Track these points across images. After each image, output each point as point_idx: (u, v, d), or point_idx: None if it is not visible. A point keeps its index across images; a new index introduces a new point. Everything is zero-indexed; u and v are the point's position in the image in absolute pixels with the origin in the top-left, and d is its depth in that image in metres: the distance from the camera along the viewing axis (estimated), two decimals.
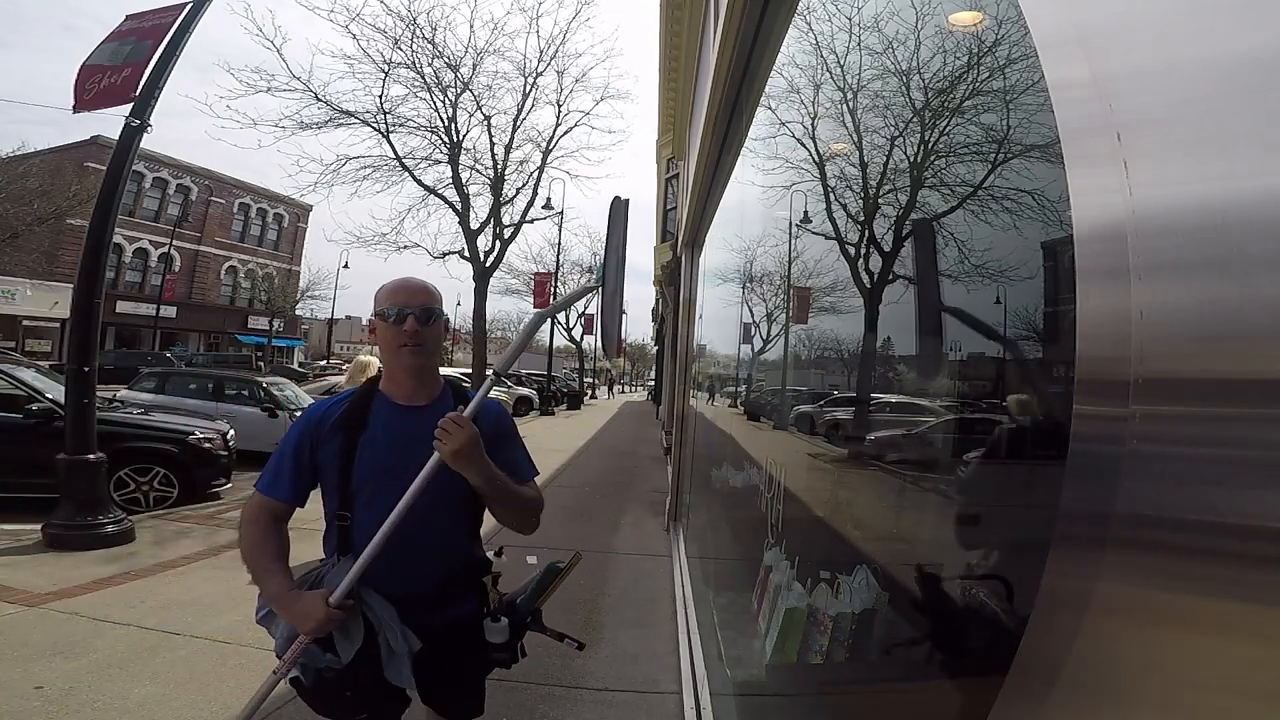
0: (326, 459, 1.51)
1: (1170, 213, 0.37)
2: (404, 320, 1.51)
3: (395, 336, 1.51)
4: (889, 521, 1.30)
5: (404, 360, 1.53)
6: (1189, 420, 0.36)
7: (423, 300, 1.55)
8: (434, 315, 1.54)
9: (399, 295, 1.54)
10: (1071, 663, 0.42)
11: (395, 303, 1.52)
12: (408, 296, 1.54)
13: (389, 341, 1.52)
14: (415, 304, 1.53)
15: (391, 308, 1.52)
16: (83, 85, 5.26)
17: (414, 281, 1.58)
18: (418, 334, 1.51)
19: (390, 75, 13.07)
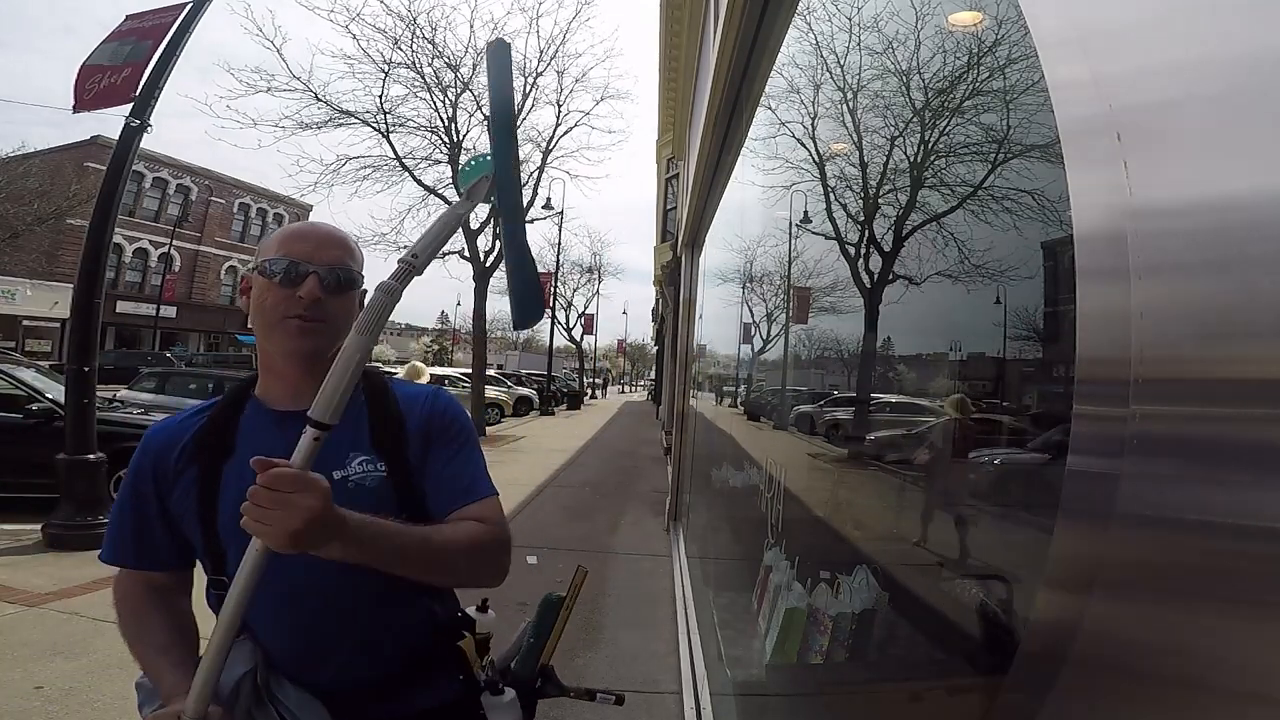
0: (180, 503, 1.02)
1: (1170, 213, 0.37)
2: (299, 280, 0.99)
3: (281, 303, 0.99)
4: (889, 521, 1.30)
5: (289, 340, 1.00)
6: (1189, 420, 0.36)
7: (333, 255, 1.02)
8: (347, 279, 1.03)
9: (295, 244, 1.02)
10: (1071, 663, 0.42)
11: (289, 253, 1.00)
12: (310, 247, 1.01)
13: (271, 310, 0.99)
14: (321, 259, 1.01)
15: (279, 259, 1.00)
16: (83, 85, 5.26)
17: (321, 228, 1.07)
18: (318, 304, 0.99)
19: (390, 75, 13.07)
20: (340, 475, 0.99)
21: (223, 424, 1.05)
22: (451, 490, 1.06)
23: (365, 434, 1.04)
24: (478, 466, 1.10)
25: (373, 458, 1.02)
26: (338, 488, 0.91)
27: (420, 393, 1.12)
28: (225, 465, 1.01)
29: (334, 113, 13.05)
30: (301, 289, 0.99)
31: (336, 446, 0.97)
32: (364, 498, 0.98)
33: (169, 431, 1.07)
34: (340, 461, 1.00)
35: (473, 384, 14.55)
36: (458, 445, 1.09)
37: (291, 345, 1.01)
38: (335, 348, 0.95)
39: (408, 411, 1.07)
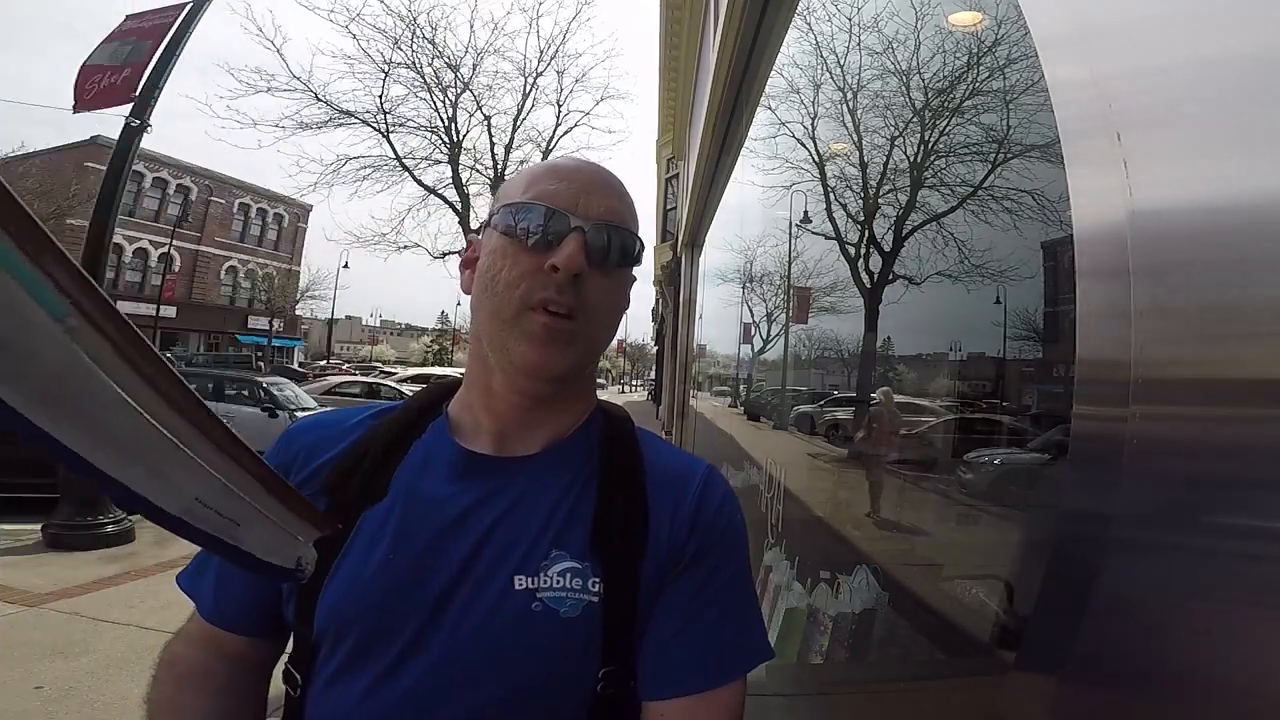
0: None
1: (1170, 213, 0.37)
2: (555, 242, 0.61)
3: (528, 277, 0.60)
4: (889, 521, 1.30)
5: (529, 346, 0.60)
6: (1189, 420, 0.36)
7: (609, 205, 0.64)
8: (624, 248, 0.64)
9: (552, 182, 0.63)
10: (1071, 663, 0.42)
11: (543, 196, 0.62)
12: (575, 189, 0.63)
13: (507, 289, 0.61)
14: (592, 211, 0.62)
15: (531, 205, 0.62)
16: (83, 85, 5.26)
17: (587, 168, 0.66)
18: (577, 285, 0.60)
19: (390, 75, 13.10)
20: (525, 584, 0.59)
21: (384, 449, 0.66)
22: (689, 657, 0.61)
23: (584, 524, 0.62)
24: (745, 620, 0.64)
25: (586, 568, 0.60)
26: (514, 602, 0.58)
27: (683, 470, 0.67)
28: (366, 514, 0.62)
29: (334, 113, 13.08)
30: (557, 255, 0.59)
31: (536, 534, 0.61)
32: (552, 633, 0.58)
33: (323, 430, 0.70)
34: (531, 561, 0.60)
35: None
36: (725, 576, 0.64)
37: (533, 354, 0.60)
38: (586, 367, 0.66)
39: (658, 501, 0.64)
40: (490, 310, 0.62)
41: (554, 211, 0.62)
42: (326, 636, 0.61)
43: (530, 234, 0.62)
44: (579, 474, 0.65)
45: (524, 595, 0.59)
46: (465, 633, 0.58)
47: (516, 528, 0.61)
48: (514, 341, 0.61)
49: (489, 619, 0.58)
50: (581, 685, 0.59)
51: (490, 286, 0.62)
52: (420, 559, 0.60)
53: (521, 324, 0.60)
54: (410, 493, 0.63)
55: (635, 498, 0.64)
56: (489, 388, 0.65)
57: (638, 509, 0.64)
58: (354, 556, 0.61)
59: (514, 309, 0.60)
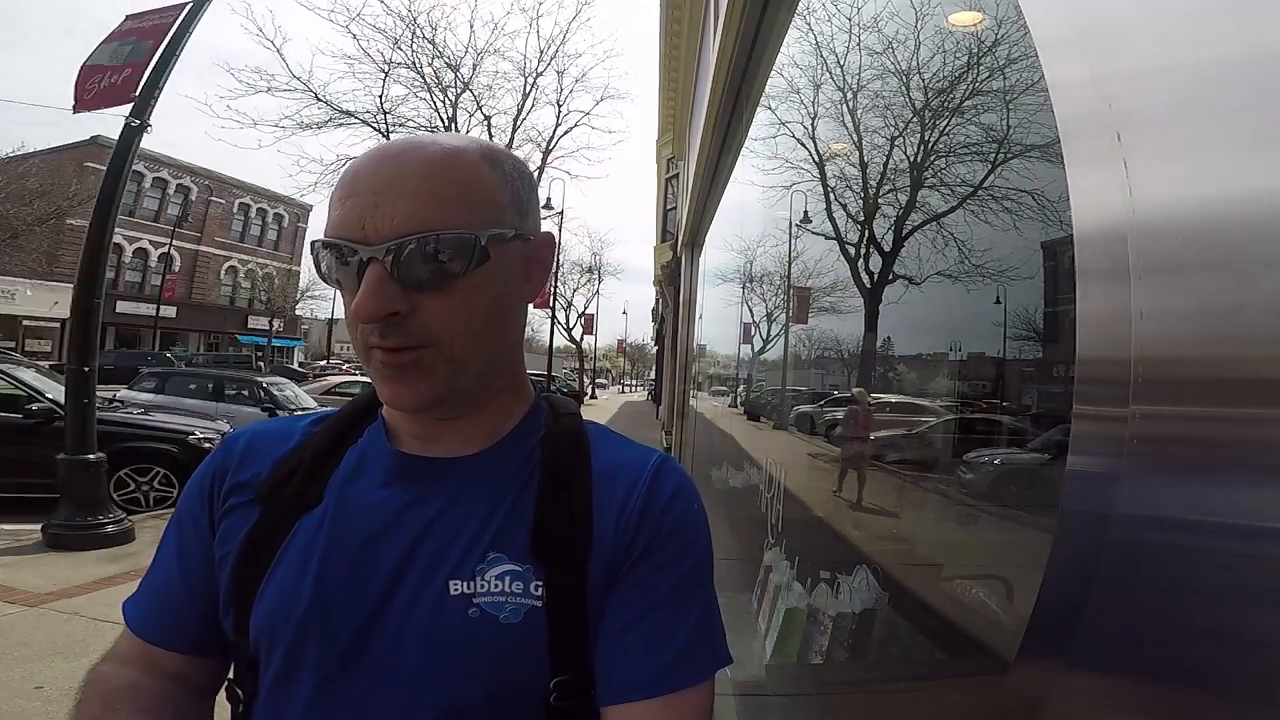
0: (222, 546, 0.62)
1: (1170, 213, 0.37)
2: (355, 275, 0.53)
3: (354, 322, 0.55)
4: (889, 521, 1.30)
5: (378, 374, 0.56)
6: (1189, 420, 0.36)
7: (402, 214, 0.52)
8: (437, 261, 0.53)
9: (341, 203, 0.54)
10: (1071, 663, 0.42)
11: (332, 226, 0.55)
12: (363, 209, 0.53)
13: (351, 325, 0.57)
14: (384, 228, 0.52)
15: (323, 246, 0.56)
16: (83, 85, 5.26)
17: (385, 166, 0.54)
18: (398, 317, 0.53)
19: (390, 75, 13.10)
20: (460, 589, 0.56)
21: (318, 456, 0.62)
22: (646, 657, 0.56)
23: (524, 525, 0.58)
24: (703, 622, 0.59)
25: (526, 570, 0.57)
26: (450, 607, 0.55)
27: (632, 463, 0.63)
28: (301, 522, 0.59)
29: (334, 113, 13.09)
30: (359, 299, 0.53)
31: (471, 537, 0.57)
32: (492, 639, 0.55)
33: (262, 437, 0.66)
34: (466, 564, 0.56)
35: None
36: (683, 571, 0.59)
37: (387, 394, 0.57)
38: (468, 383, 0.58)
39: (604, 499, 0.60)
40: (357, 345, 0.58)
41: (339, 247, 0.54)
42: (262, 647, 0.58)
43: (336, 280, 0.55)
44: (519, 473, 0.61)
45: (460, 600, 0.55)
46: (405, 640, 0.55)
47: (451, 530, 0.57)
48: (373, 377, 0.57)
49: (427, 625, 0.55)
50: (531, 696, 0.56)
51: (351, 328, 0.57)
52: (353, 565, 0.57)
53: (372, 365, 0.56)
54: (343, 498, 0.60)
55: (579, 495, 0.60)
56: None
57: (581, 507, 0.60)
58: (287, 565, 0.58)
59: (362, 352, 0.57)
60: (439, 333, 0.54)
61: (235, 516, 0.62)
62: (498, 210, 0.57)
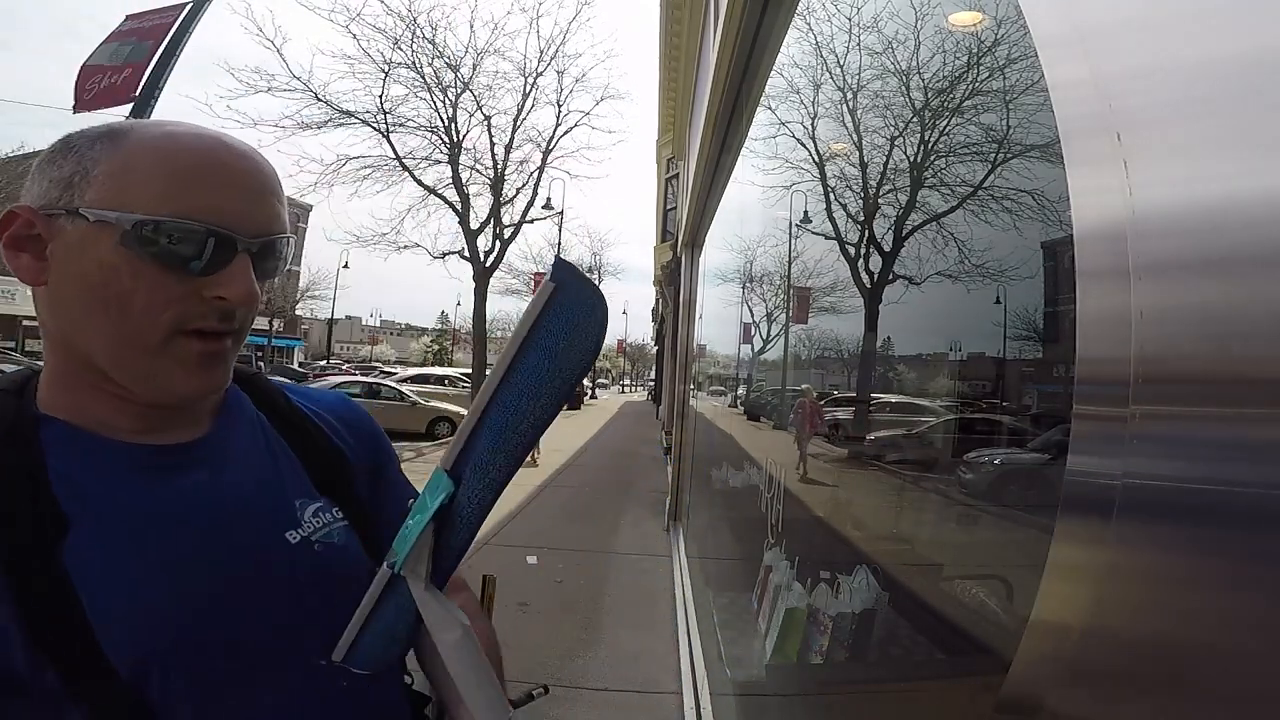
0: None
1: (1170, 213, 0.37)
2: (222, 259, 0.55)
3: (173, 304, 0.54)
4: (889, 521, 1.30)
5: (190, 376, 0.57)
6: (1189, 420, 0.36)
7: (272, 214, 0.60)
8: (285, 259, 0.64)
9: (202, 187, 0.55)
10: (1071, 663, 0.42)
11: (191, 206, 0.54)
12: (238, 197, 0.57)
13: (144, 312, 0.54)
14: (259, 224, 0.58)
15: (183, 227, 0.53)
16: (83, 86, 5.27)
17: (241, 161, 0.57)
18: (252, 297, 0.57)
19: (390, 75, 13.09)
20: (298, 536, 0.62)
21: (25, 479, 0.52)
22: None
23: (301, 471, 0.66)
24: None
25: (325, 504, 0.66)
26: (301, 553, 0.62)
27: (327, 401, 0.76)
28: (65, 547, 0.51)
29: (334, 113, 13.08)
30: (219, 282, 0.55)
31: (275, 493, 0.63)
32: (335, 560, 0.64)
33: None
34: (291, 516, 0.63)
35: (473, 384, 14.56)
36: (397, 468, 0.78)
37: (191, 382, 0.57)
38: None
39: (334, 432, 0.72)
40: (116, 334, 0.54)
41: (217, 235, 0.54)
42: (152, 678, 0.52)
43: (177, 259, 0.53)
44: (255, 433, 0.66)
45: (302, 545, 0.62)
46: (286, 597, 0.60)
47: (246, 497, 0.61)
48: (163, 369, 0.55)
49: (294, 577, 0.61)
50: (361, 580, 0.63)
51: (114, 308, 0.53)
52: (197, 559, 0.56)
53: (172, 350, 0.55)
54: (114, 507, 0.55)
55: (319, 434, 0.70)
56: (104, 391, 0.57)
57: (327, 440, 0.70)
58: (105, 590, 0.51)
59: (160, 335, 0.54)
60: (246, 322, 0.60)
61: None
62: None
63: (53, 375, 0.59)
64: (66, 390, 0.58)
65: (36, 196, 0.56)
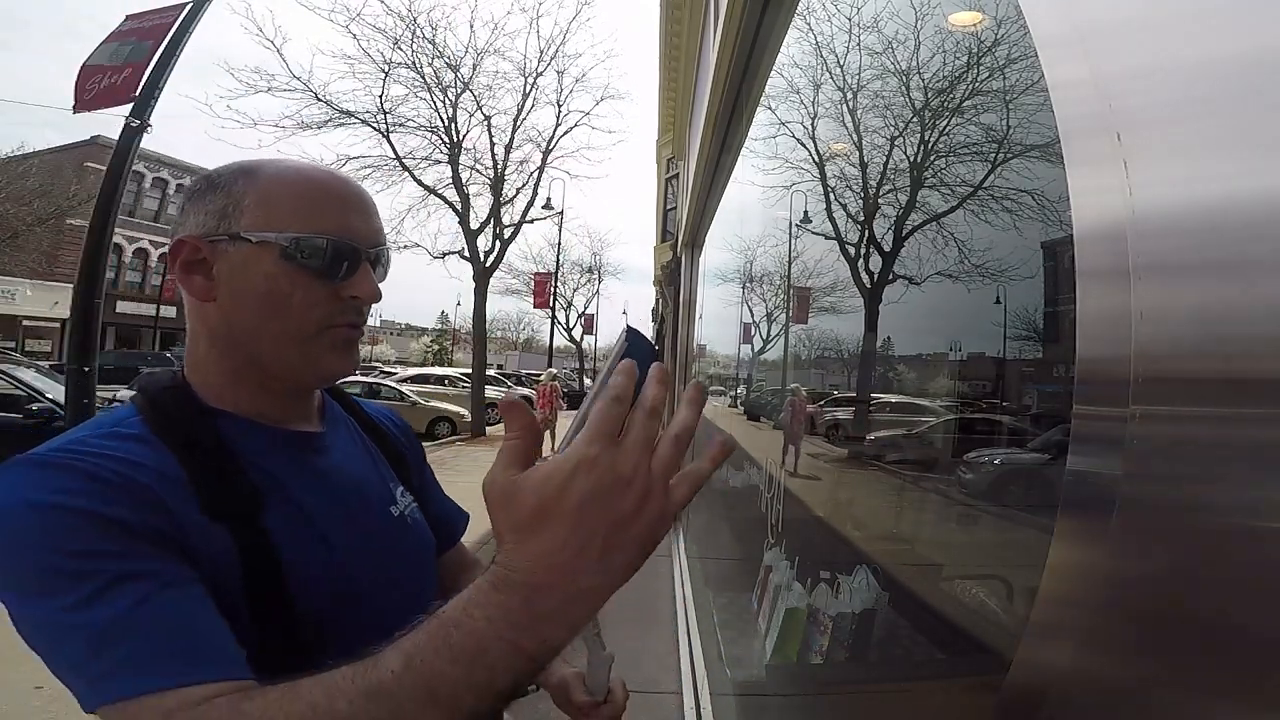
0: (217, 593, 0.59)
1: (1170, 213, 0.37)
2: (351, 271, 0.69)
3: (321, 303, 0.68)
4: (889, 521, 1.30)
5: (337, 360, 0.71)
6: (1189, 420, 0.36)
7: (378, 228, 0.73)
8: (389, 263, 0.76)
9: (331, 210, 0.69)
10: (1071, 663, 0.42)
11: (329, 228, 0.68)
12: (358, 216, 0.70)
13: (303, 312, 0.68)
14: (372, 235, 0.71)
15: (318, 241, 0.67)
16: (83, 86, 5.26)
17: (351, 188, 0.72)
18: (376, 295, 0.71)
19: (390, 75, 13.07)
20: (397, 511, 0.79)
21: (219, 460, 0.64)
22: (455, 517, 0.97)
23: (380, 460, 0.84)
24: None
25: (402, 489, 0.84)
26: (400, 524, 0.79)
27: (385, 412, 0.95)
28: (265, 519, 0.63)
29: (334, 113, 13.05)
30: (354, 285, 0.68)
31: (380, 479, 0.81)
32: (418, 530, 0.82)
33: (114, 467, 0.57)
34: (389, 495, 0.80)
35: (473, 384, 14.56)
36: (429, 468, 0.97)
37: (343, 365, 0.71)
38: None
39: (393, 436, 0.91)
40: (281, 331, 0.68)
41: (344, 245, 0.69)
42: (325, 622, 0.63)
43: (324, 268, 0.68)
44: (350, 431, 0.83)
45: (400, 518, 0.79)
46: (394, 557, 0.75)
47: (363, 477, 0.78)
48: (317, 354, 0.69)
49: (397, 542, 0.77)
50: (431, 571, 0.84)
51: (279, 309, 0.67)
52: (344, 523, 0.71)
53: (322, 340, 0.69)
54: (287, 482, 0.69)
55: (387, 435, 0.89)
56: (263, 386, 0.71)
57: (394, 441, 0.89)
58: (302, 550, 0.65)
59: (313, 329, 0.68)
60: (366, 315, 0.74)
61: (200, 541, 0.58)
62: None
63: (219, 374, 0.70)
64: (231, 387, 0.70)
65: (195, 227, 0.69)
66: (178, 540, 0.57)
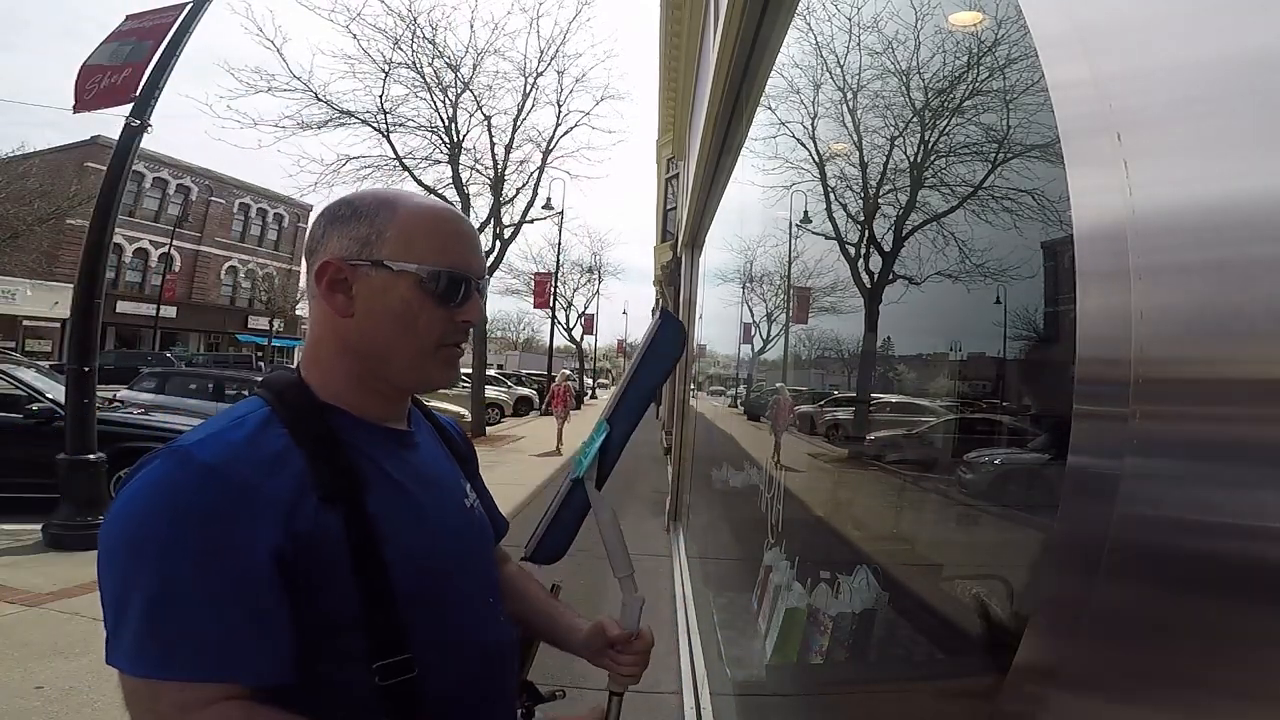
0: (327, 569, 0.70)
1: (1170, 213, 0.37)
2: (465, 299, 0.80)
3: (439, 325, 0.79)
4: (889, 521, 1.30)
5: (447, 371, 0.82)
6: (1189, 420, 0.36)
7: (483, 261, 0.86)
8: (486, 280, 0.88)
9: (455, 246, 0.80)
10: (1071, 663, 0.42)
11: (454, 263, 0.79)
12: (470, 251, 0.82)
13: (427, 332, 0.78)
14: (480, 269, 0.84)
15: (442, 271, 0.78)
16: (83, 85, 5.26)
17: (468, 227, 0.85)
18: (482, 319, 0.86)
19: (390, 75, 13.06)
20: (469, 504, 0.92)
21: (335, 447, 0.74)
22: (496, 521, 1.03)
23: (452, 460, 0.96)
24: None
25: (469, 486, 0.96)
26: (472, 515, 0.91)
27: (447, 420, 1.05)
28: (368, 500, 0.73)
29: (334, 113, 13.04)
30: (466, 311, 0.81)
31: (455, 474, 0.93)
32: (484, 522, 0.95)
33: (258, 464, 0.69)
34: (463, 488, 0.93)
35: (473, 384, 14.55)
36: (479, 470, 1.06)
37: (447, 376, 0.83)
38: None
39: (456, 440, 1.02)
40: (409, 345, 0.79)
41: (468, 279, 0.81)
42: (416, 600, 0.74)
43: (447, 295, 0.79)
44: (429, 432, 0.94)
45: (472, 509, 0.92)
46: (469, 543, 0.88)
47: (444, 471, 0.90)
48: (434, 369, 0.81)
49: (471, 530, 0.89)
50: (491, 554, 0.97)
51: (409, 327, 0.78)
52: (441, 511, 0.84)
53: (440, 355, 0.81)
54: (400, 468, 0.81)
55: (453, 439, 1.00)
56: (375, 390, 0.81)
57: (459, 445, 1.00)
58: (398, 526, 0.76)
59: (433, 346, 0.80)
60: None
61: (324, 536, 0.70)
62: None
63: (340, 376, 0.80)
64: (346, 387, 0.80)
65: (338, 250, 0.78)
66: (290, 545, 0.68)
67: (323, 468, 0.72)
